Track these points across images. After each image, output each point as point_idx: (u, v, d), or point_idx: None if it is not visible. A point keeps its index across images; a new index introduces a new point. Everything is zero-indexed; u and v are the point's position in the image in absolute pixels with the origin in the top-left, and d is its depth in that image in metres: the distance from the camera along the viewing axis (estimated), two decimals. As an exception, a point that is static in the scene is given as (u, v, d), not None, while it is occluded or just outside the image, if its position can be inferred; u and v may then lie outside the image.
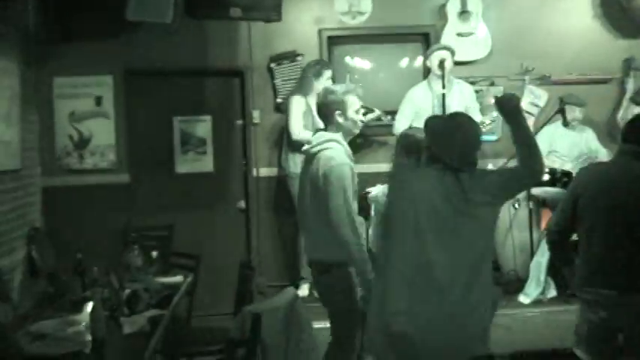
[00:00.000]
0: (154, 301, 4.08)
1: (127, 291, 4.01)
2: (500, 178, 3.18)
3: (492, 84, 6.74)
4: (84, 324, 3.42)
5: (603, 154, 6.05)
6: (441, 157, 3.15)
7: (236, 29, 6.51)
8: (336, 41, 6.75)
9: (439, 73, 5.90)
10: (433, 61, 6.01)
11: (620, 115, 6.63)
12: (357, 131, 4.04)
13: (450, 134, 3.20)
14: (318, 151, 3.87)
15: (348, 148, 3.94)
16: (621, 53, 6.83)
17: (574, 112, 6.15)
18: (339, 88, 4.01)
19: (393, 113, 6.25)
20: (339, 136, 3.90)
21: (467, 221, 3.08)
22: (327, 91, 3.98)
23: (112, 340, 3.34)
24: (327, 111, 3.94)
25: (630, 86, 6.69)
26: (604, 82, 6.81)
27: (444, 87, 5.78)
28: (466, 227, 3.08)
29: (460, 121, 3.30)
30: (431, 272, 3.03)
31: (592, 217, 3.44)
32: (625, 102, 6.69)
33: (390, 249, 3.21)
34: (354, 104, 3.94)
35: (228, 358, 3.20)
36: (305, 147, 4.04)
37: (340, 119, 3.90)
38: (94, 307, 3.32)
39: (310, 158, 3.94)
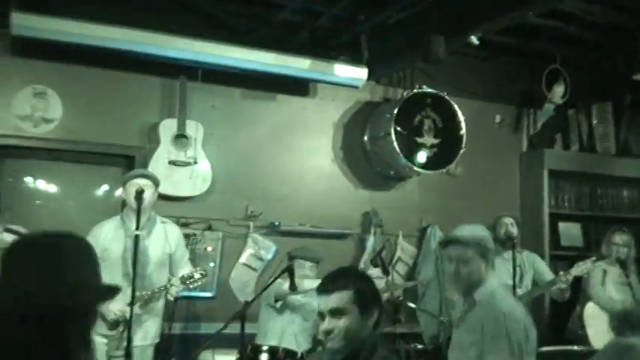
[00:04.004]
0: None
1: None
2: None
3: (210, 228, 5.47)
4: None
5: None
6: None
7: None
8: (9, 153, 5.18)
9: (135, 207, 4.41)
10: (129, 191, 4.50)
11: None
12: None
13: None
14: None
15: None
16: (362, 204, 5.89)
17: (304, 269, 4.91)
18: None
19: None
20: None
21: None
22: None
23: None
24: None
25: (370, 244, 5.70)
26: (342, 236, 5.79)
27: (138, 227, 4.29)
28: None
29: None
30: None
31: None
32: (363, 263, 5.66)
33: None
34: None
35: None
36: None
37: None
38: None
39: None
